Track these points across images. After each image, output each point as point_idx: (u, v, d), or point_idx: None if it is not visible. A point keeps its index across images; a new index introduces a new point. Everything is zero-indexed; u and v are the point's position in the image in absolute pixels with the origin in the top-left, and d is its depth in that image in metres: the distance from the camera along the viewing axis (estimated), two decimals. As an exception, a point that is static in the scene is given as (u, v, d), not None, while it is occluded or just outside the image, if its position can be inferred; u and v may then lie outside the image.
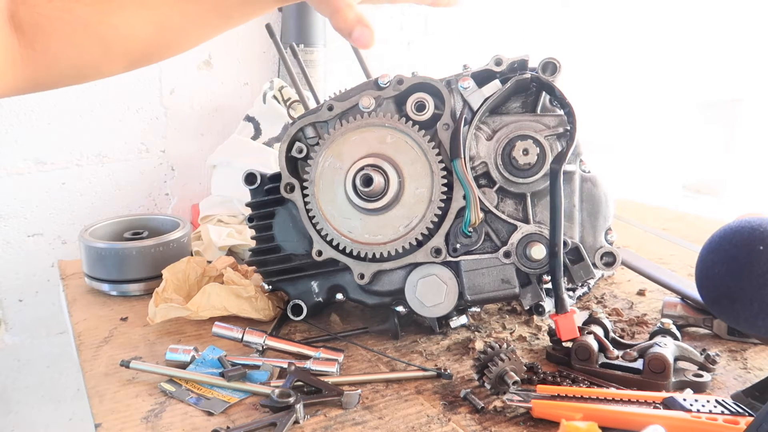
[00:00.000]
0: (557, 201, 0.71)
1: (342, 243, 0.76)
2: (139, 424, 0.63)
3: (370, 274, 0.76)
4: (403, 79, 0.76)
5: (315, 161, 0.76)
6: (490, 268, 0.75)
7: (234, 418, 0.65)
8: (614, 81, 2.01)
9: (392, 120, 0.75)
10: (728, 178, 2.42)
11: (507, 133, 0.74)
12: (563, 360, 0.74)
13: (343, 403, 0.66)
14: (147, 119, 1.39)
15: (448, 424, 0.64)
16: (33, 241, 1.33)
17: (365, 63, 1.04)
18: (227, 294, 0.85)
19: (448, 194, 0.74)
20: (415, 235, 0.74)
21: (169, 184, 1.44)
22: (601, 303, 0.94)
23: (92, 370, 0.74)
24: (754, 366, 0.75)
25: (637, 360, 0.70)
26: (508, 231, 0.75)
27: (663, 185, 2.29)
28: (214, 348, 0.77)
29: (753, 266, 0.59)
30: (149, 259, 0.96)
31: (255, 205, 0.84)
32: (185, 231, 1.01)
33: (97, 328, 0.86)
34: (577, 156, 0.75)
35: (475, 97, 0.74)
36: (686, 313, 0.84)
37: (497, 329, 0.85)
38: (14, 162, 1.28)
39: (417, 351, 0.79)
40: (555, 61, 0.73)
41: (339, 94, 0.79)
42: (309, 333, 0.84)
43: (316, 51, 1.44)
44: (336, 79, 1.50)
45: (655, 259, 1.08)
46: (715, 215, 1.40)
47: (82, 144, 1.33)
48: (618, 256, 0.74)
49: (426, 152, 0.74)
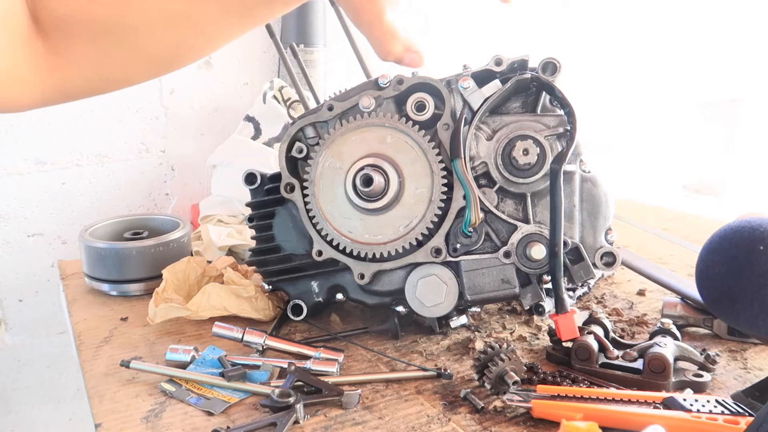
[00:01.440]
0: (557, 201, 0.71)
1: (342, 243, 0.76)
2: (139, 424, 0.63)
3: (370, 274, 0.76)
4: (403, 79, 0.76)
5: (315, 161, 0.76)
6: (490, 268, 0.75)
7: (234, 418, 0.65)
8: (614, 81, 2.01)
9: (392, 120, 0.75)
10: (728, 178, 2.42)
11: (507, 133, 0.75)
12: (563, 360, 0.74)
13: (343, 403, 0.66)
14: (147, 119, 1.39)
15: (448, 424, 0.64)
16: (33, 241, 1.33)
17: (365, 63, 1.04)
18: (227, 294, 0.85)
19: (448, 194, 0.74)
20: (415, 235, 0.74)
21: (169, 184, 1.44)
22: (601, 303, 0.94)
23: (92, 370, 0.74)
24: (754, 366, 0.75)
25: (637, 360, 0.70)
26: (508, 231, 0.75)
27: (663, 185, 2.29)
28: (214, 348, 0.77)
29: (753, 266, 0.59)
30: (149, 259, 0.96)
31: (255, 205, 0.84)
32: (185, 231, 1.01)
33: (97, 328, 0.86)
34: (577, 156, 0.75)
35: (475, 97, 0.74)
36: (686, 313, 0.84)
37: (497, 329, 0.85)
38: (14, 162, 1.28)
39: (417, 351, 0.79)
40: (555, 61, 0.73)
41: (339, 94, 0.79)
42: (309, 333, 0.84)
43: (316, 51, 1.44)
44: (336, 79, 1.50)
45: (655, 259, 1.08)
46: (715, 215, 1.40)
47: (82, 144, 1.33)
48: (618, 256, 0.74)
49: (426, 152, 0.74)
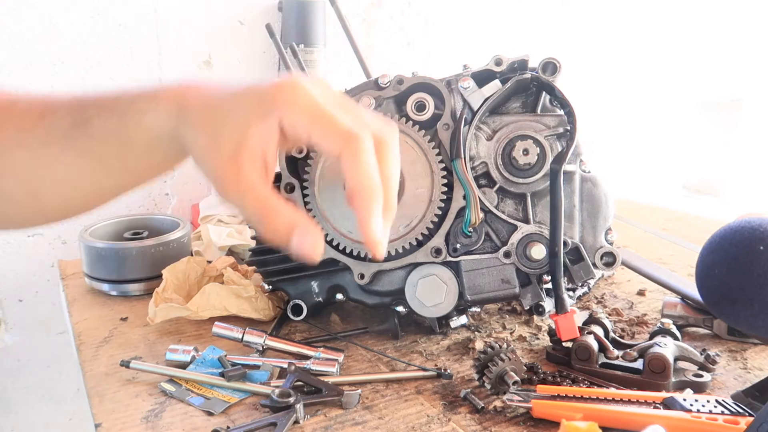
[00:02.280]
0: (557, 201, 0.71)
1: (342, 243, 0.76)
2: (139, 424, 0.63)
3: (370, 274, 0.76)
4: (403, 79, 0.76)
5: (315, 161, 0.76)
6: (490, 268, 0.75)
7: (234, 418, 0.65)
8: (614, 81, 2.01)
9: (392, 120, 0.75)
10: (728, 178, 2.42)
11: (507, 133, 0.75)
12: (563, 360, 0.74)
13: (343, 403, 0.66)
14: (147, 119, 1.38)
15: (448, 424, 0.64)
16: (33, 241, 1.33)
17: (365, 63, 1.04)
18: (227, 294, 0.85)
19: (448, 194, 0.74)
20: (415, 235, 0.74)
21: (169, 184, 1.44)
22: (601, 303, 0.94)
23: (92, 370, 0.74)
24: (754, 366, 0.75)
25: (637, 360, 0.70)
26: (508, 231, 0.75)
27: (663, 185, 2.29)
28: (214, 348, 0.77)
29: (753, 266, 0.59)
30: (149, 259, 0.96)
31: (255, 205, 0.84)
32: (185, 231, 1.01)
33: (97, 328, 0.86)
34: (577, 156, 0.75)
35: (475, 97, 0.74)
36: (686, 313, 0.84)
37: (497, 329, 0.85)
38: (14, 162, 1.28)
39: (417, 351, 0.79)
40: (555, 61, 0.73)
41: (339, 94, 0.79)
42: (309, 333, 0.84)
43: (316, 51, 1.44)
44: (336, 79, 1.50)
45: (655, 259, 1.08)
46: (715, 215, 1.40)
47: (82, 144, 1.33)
48: (618, 256, 0.74)
49: (426, 152, 0.74)
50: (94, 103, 0.49)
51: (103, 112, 0.48)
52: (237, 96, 0.45)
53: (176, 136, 0.46)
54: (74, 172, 0.50)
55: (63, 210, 0.54)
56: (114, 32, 1.32)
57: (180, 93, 0.47)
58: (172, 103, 0.46)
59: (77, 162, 0.49)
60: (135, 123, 0.47)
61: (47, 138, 0.49)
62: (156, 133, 0.47)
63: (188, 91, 0.47)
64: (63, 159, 0.49)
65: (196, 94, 0.47)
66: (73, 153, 0.48)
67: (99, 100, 0.49)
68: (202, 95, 0.46)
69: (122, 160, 0.49)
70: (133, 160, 0.49)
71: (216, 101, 0.45)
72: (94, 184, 0.51)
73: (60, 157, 0.49)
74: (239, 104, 0.44)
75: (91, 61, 1.31)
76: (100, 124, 0.48)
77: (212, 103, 0.45)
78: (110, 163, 0.49)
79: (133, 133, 0.47)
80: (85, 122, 0.48)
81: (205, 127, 0.45)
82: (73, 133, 0.48)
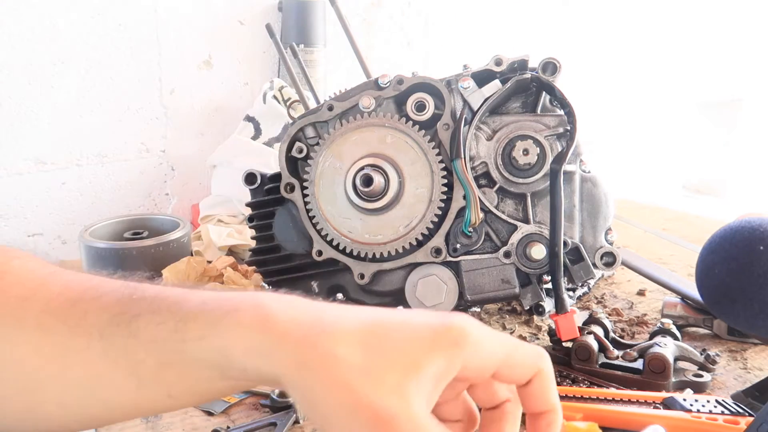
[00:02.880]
0: (557, 201, 0.71)
1: (342, 243, 0.76)
2: (139, 423, 0.63)
3: (370, 274, 0.76)
4: (403, 79, 0.76)
5: (315, 161, 0.76)
6: (490, 268, 0.75)
7: (234, 418, 0.65)
8: (614, 81, 2.01)
9: (392, 120, 0.75)
10: (728, 178, 2.42)
11: (507, 133, 0.74)
12: (563, 360, 0.74)
13: (343, 403, 0.66)
14: (147, 119, 1.39)
15: (448, 424, 0.64)
16: (33, 241, 1.33)
17: (365, 63, 1.04)
18: (227, 294, 0.85)
19: (448, 194, 0.74)
20: (415, 235, 0.74)
21: (169, 184, 1.44)
22: (601, 303, 0.94)
23: (92, 370, 0.74)
24: (754, 366, 0.75)
25: (637, 360, 0.70)
26: (508, 231, 0.75)
27: (663, 185, 2.29)
28: (214, 348, 0.76)
29: (753, 266, 0.59)
30: (149, 259, 0.96)
31: (255, 205, 0.84)
32: (185, 231, 1.01)
33: (97, 328, 0.86)
34: (577, 156, 0.75)
35: (475, 97, 0.74)
36: (686, 313, 0.84)
37: (497, 329, 0.85)
38: (14, 162, 1.28)
39: (417, 351, 0.79)
40: (555, 61, 0.73)
41: (339, 94, 0.79)
42: (309, 333, 0.84)
43: (316, 51, 1.44)
44: (336, 79, 1.50)
45: (655, 259, 1.08)
46: (715, 215, 1.40)
47: (82, 144, 1.33)
48: (618, 256, 0.74)
49: (426, 152, 0.74)
50: (145, 297, 0.40)
51: (158, 313, 0.39)
52: (403, 323, 0.37)
53: (257, 367, 0.36)
54: (94, 375, 0.40)
55: (61, 418, 0.42)
56: (114, 32, 1.32)
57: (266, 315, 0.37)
58: (260, 327, 0.36)
59: (103, 362, 0.40)
60: (199, 338, 0.37)
61: (76, 330, 0.40)
62: (225, 355, 0.36)
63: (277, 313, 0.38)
64: (87, 355, 0.40)
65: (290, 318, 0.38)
66: (102, 349, 0.39)
67: (155, 296, 0.40)
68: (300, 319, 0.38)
69: (162, 372, 0.39)
70: (174, 376, 0.39)
71: (357, 327, 0.37)
72: (115, 393, 0.41)
73: (84, 353, 0.40)
74: (407, 330, 0.36)
75: (91, 61, 1.31)
76: (147, 325, 0.39)
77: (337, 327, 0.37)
78: (145, 374, 0.39)
79: (192, 348, 0.37)
80: (130, 319, 0.39)
81: (357, 352, 0.35)
82: (110, 329, 0.39)
